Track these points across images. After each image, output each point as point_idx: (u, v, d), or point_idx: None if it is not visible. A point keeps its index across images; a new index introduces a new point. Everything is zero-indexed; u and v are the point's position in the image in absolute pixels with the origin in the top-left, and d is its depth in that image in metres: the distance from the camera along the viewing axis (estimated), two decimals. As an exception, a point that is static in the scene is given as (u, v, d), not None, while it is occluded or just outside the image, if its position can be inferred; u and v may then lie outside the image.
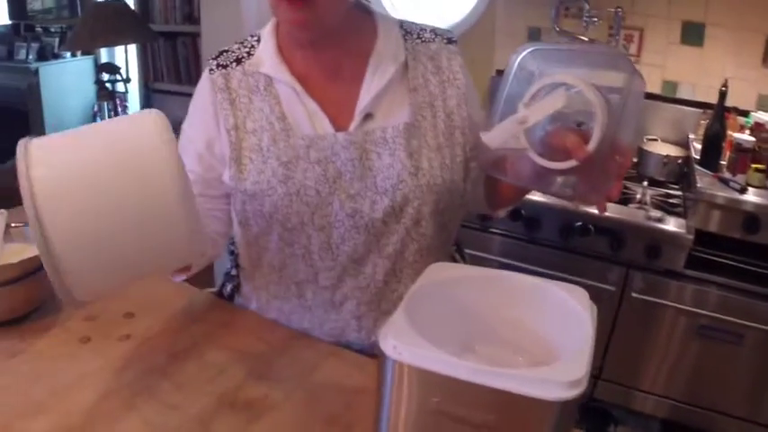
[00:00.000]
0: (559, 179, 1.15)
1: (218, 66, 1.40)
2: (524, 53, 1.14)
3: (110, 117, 4.89)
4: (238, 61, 1.39)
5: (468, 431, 0.84)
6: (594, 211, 1.25)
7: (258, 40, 1.42)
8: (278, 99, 1.35)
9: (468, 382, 0.80)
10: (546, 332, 1.03)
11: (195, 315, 1.48)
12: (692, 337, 2.84)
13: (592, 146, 1.02)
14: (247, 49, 1.41)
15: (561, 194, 1.20)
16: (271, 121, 1.34)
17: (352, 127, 1.34)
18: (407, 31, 1.44)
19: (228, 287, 1.60)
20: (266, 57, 1.38)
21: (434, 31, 1.46)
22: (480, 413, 0.83)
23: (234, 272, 1.59)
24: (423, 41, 1.43)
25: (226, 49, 1.43)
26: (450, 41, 1.46)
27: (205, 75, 1.41)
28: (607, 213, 2.65)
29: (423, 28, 1.46)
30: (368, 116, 1.35)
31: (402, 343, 0.84)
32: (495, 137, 1.10)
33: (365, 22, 1.42)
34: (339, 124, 1.34)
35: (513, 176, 1.21)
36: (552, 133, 1.10)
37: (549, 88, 1.09)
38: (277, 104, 1.35)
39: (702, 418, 2.97)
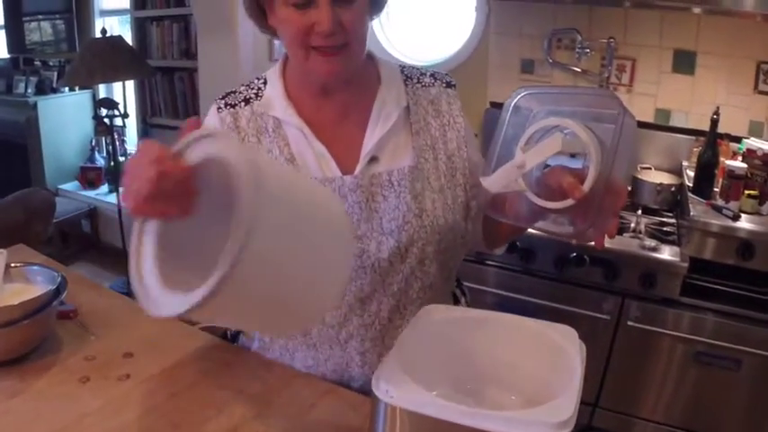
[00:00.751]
0: (557, 218, 1.18)
1: (226, 105, 1.42)
2: (518, 97, 1.19)
3: (108, 151, 4.92)
4: (246, 101, 1.42)
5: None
6: (590, 242, 1.29)
7: (264, 83, 1.44)
8: (287, 141, 1.38)
9: (458, 425, 0.83)
10: (537, 371, 1.05)
11: (195, 354, 1.49)
12: (689, 364, 2.83)
13: (587, 185, 1.06)
14: (255, 91, 1.43)
15: (560, 233, 1.22)
16: (279, 160, 1.37)
17: (357, 170, 1.37)
18: (408, 76, 1.48)
19: (229, 332, 1.62)
20: (275, 99, 1.40)
21: (434, 75, 1.51)
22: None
23: None
24: (423, 86, 1.48)
25: (233, 90, 1.45)
26: (449, 85, 1.50)
27: (213, 112, 1.43)
28: None
29: (422, 72, 1.50)
30: (373, 159, 1.38)
31: (393, 387, 0.87)
32: (495, 181, 1.14)
33: (369, 67, 1.46)
34: (345, 167, 1.37)
35: (513, 216, 1.24)
36: (549, 174, 1.14)
37: (544, 131, 1.12)
38: (286, 146, 1.38)
39: None
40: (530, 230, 1.59)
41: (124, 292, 4.29)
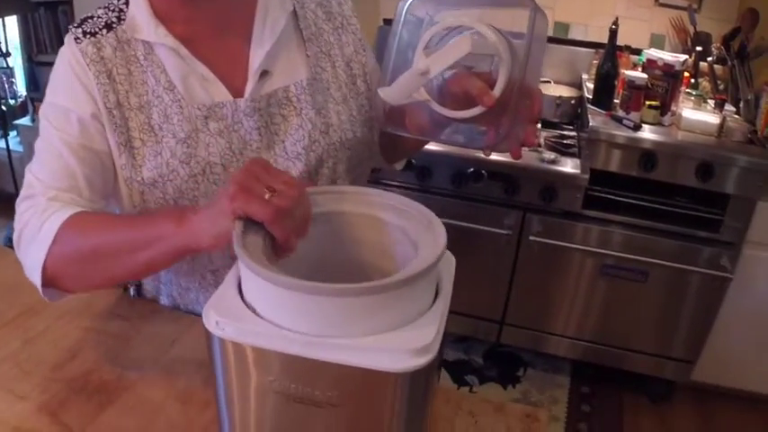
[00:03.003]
0: (465, 128, 1.08)
1: (84, 34, 1.18)
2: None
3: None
4: (108, 27, 1.19)
5: (315, 411, 0.76)
6: (489, 156, 1.19)
7: (126, 3, 1.21)
8: (162, 67, 1.18)
9: (303, 358, 0.72)
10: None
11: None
12: (595, 277, 2.85)
13: (498, 90, 0.95)
14: (116, 14, 1.20)
15: (471, 145, 1.14)
16: (158, 93, 1.17)
17: (249, 88, 1.19)
18: None
19: (131, 289, 1.44)
20: (141, 20, 1.18)
21: None
22: (321, 390, 0.75)
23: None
24: None
25: (90, 15, 1.21)
26: None
27: (70, 44, 1.19)
28: (499, 157, 2.64)
29: None
30: (264, 74, 1.21)
31: (225, 317, 0.75)
32: (395, 92, 1.00)
33: None
34: (234, 88, 1.20)
35: (414, 130, 1.12)
36: (453, 80, 1.02)
37: (444, 34, 1.00)
38: (162, 73, 1.17)
39: (612, 356, 3.02)
40: (425, 146, 1.51)
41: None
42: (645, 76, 2.76)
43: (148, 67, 1.17)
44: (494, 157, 2.66)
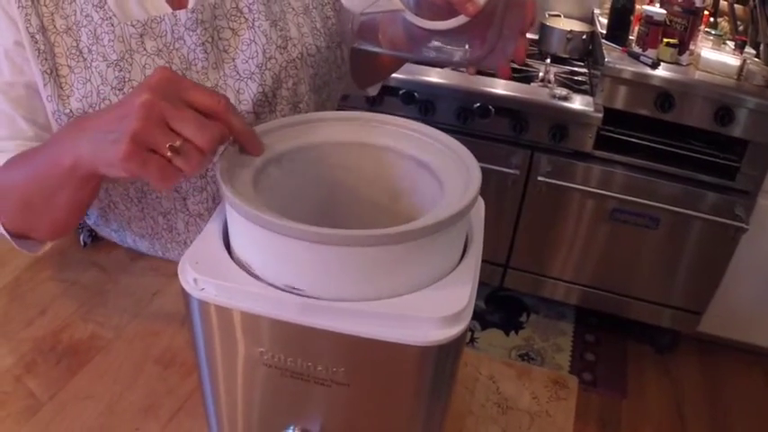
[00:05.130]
0: (447, 42, 0.91)
1: None
2: None
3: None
4: None
5: (316, 389, 0.63)
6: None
7: None
8: None
9: (302, 325, 0.58)
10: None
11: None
12: (603, 220, 2.75)
13: None
14: None
15: (452, 61, 0.96)
16: (87, 12, 1.01)
17: (191, 0, 1.04)
18: None
19: (81, 237, 1.28)
20: None
21: None
22: (324, 365, 0.61)
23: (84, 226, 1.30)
24: None
25: None
26: None
27: None
28: (507, 92, 2.51)
29: None
30: None
31: (205, 275, 0.60)
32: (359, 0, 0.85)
33: None
34: None
35: (387, 45, 0.96)
36: None
37: None
38: None
39: (616, 303, 2.94)
40: (428, 78, 1.36)
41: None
42: (664, 11, 2.61)
43: None
44: (501, 91, 2.56)
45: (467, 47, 0.88)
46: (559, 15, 3.19)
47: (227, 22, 1.04)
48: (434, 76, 2.61)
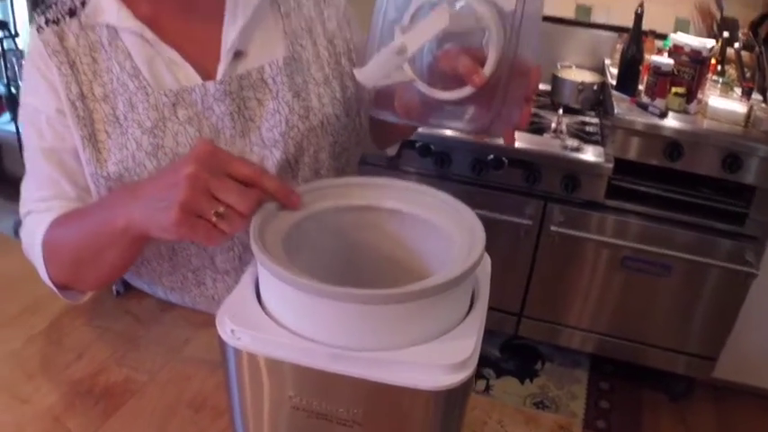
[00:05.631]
0: (457, 110, 0.98)
1: (47, 22, 1.12)
2: None
3: (7, 77, 4.62)
4: (71, 13, 1.12)
5: (337, 428, 0.70)
6: (481, 141, 1.11)
7: None
8: (127, 53, 1.10)
9: (327, 372, 0.65)
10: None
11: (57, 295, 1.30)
12: (615, 269, 2.79)
13: (488, 68, 0.86)
14: None
15: (461, 128, 1.02)
16: (123, 81, 1.10)
17: (220, 71, 1.11)
18: None
19: (114, 287, 1.35)
20: (104, 2, 1.11)
21: None
22: (345, 407, 0.68)
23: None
24: None
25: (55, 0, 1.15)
26: None
27: (34, 35, 1.13)
28: (520, 144, 2.60)
29: None
30: (238, 55, 1.13)
31: (241, 326, 0.68)
32: (372, 73, 0.91)
33: None
34: (205, 71, 1.12)
35: (403, 113, 1.01)
36: (442, 57, 0.92)
37: (430, 6, 0.92)
38: (127, 59, 1.10)
39: (631, 350, 2.96)
40: (443, 132, 1.43)
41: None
42: (671, 61, 2.67)
43: (113, 53, 1.10)
44: (514, 144, 2.61)
45: (474, 115, 0.95)
46: (571, 66, 3.27)
47: (253, 93, 1.12)
48: (449, 130, 2.66)
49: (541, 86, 3.26)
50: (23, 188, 1.17)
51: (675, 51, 2.73)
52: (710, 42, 2.73)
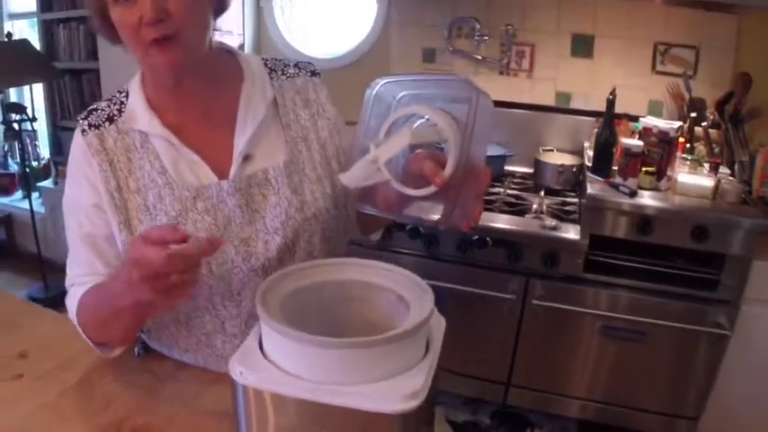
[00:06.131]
0: (426, 205, 1.19)
1: (90, 126, 1.37)
2: (378, 87, 1.18)
3: (21, 157, 4.84)
4: (110, 120, 1.37)
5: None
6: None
7: (126, 96, 1.40)
8: (156, 154, 1.35)
9: (313, 402, 0.87)
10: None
11: (86, 352, 1.48)
12: (598, 338, 2.93)
13: (448, 171, 1.08)
14: (117, 107, 1.39)
15: (426, 220, 1.23)
16: (153, 177, 1.34)
17: (232, 172, 1.35)
18: (272, 68, 1.48)
19: (136, 349, 1.57)
20: (138, 112, 1.37)
21: (297, 65, 1.51)
22: (328, 429, 0.89)
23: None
24: (288, 77, 1.48)
25: (95, 107, 1.40)
26: (313, 74, 1.51)
27: (78, 136, 1.38)
28: (503, 225, 2.78)
29: (286, 64, 1.50)
30: (247, 158, 1.37)
31: (248, 369, 0.91)
32: (353, 176, 1.15)
33: (230, 63, 1.44)
34: (220, 170, 1.36)
35: (383, 206, 1.24)
36: (412, 160, 1.15)
37: (404, 119, 1.14)
38: (156, 159, 1.35)
39: (618, 415, 3.09)
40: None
41: (42, 297, 4.22)
42: (641, 143, 2.87)
43: (144, 154, 1.35)
44: (497, 225, 2.81)
45: (439, 210, 1.17)
46: (553, 150, 3.50)
47: (259, 189, 1.37)
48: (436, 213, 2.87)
49: (524, 170, 3.52)
50: (68, 265, 1.42)
51: (645, 133, 2.93)
52: (677, 124, 2.94)
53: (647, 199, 2.75)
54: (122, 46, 1.32)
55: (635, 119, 3.21)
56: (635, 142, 2.89)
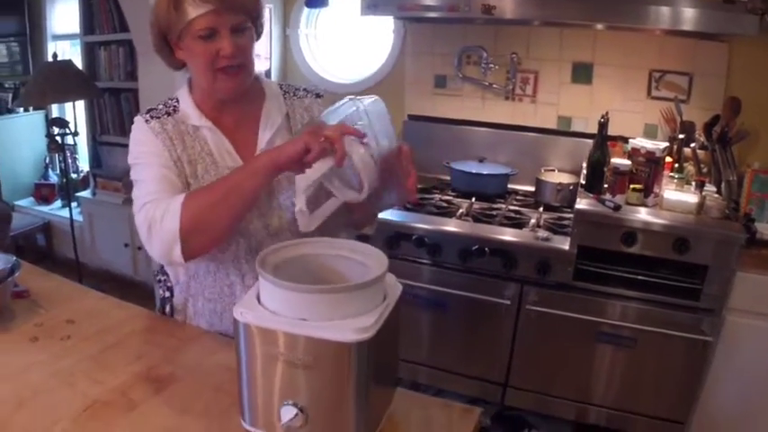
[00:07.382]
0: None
1: (151, 117, 1.72)
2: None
3: (61, 169, 5.04)
4: (168, 114, 1.73)
5: (299, 372, 1.21)
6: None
7: (177, 101, 1.77)
8: (205, 140, 1.73)
9: (291, 333, 1.18)
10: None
11: (125, 320, 1.82)
12: (589, 342, 3.09)
13: (364, 192, 1.46)
14: (171, 108, 1.75)
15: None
16: (202, 156, 1.72)
17: None
18: (285, 90, 1.86)
19: (167, 308, 1.92)
20: (190, 111, 1.74)
21: (306, 89, 1.89)
22: (302, 355, 1.19)
23: (167, 294, 1.91)
24: (298, 98, 1.86)
25: (152, 107, 1.76)
26: (317, 96, 1.89)
27: (141, 123, 1.72)
28: (500, 236, 3.01)
29: (296, 88, 1.88)
30: None
31: (246, 309, 1.22)
32: (310, 222, 1.51)
33: (255, 85, 1.80)
34: (247, 158, 1.71)
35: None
36: (392, 157, 1.55)
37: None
38: (205, 144, 1.73)
39: (612, 418, 3.21)
40: (435, 227, 1.91)
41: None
42: (629, 162, 3.03)
43: (195, 140, 1.73)
44: (494, 236, 3.04)
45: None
46: (554, 170, 3.71)
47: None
48: (440, 225, 3.20)
49: (527, 188, 3.74)
50: (137, 192, 1.67)
51: (634, 154, 3.10)
52: (663, 145, 3.11)
53: (630, 213, 2.90)
54: (174, 66, 1.74)
55: (627, 141, 3.32)
56: (623, 161, 3.03)
